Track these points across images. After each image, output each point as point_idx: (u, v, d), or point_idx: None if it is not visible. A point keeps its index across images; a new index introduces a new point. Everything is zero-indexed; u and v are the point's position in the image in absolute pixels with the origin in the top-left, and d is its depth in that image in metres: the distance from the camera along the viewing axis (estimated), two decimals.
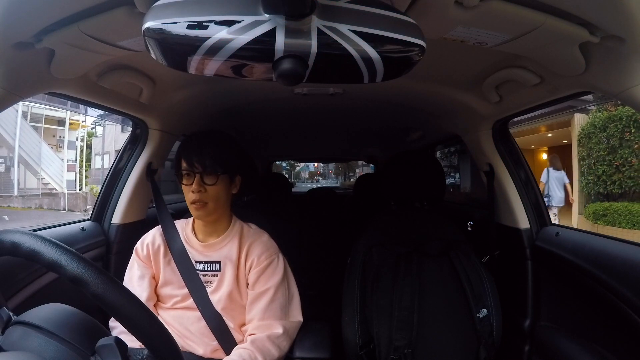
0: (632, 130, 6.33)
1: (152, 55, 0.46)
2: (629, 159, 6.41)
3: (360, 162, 10.20)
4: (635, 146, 6.33)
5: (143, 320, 0.49)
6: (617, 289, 0.89)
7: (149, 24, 0.42)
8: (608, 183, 6.77)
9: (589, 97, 6.14)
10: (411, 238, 1.21)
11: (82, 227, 1.21)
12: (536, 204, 1.31)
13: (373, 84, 0.49)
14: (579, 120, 7.49)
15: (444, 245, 1.20)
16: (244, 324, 1.02)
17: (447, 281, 1.16)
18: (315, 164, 23.43)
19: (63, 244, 0.49)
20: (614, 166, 6.63)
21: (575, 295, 1.08)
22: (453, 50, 0.89)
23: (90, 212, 1.34)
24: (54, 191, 11.74)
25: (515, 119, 1.30)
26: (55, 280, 0.99)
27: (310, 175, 29.37)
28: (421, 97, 1.32)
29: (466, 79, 1.11)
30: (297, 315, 1.03)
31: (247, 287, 1.02)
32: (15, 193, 11.26)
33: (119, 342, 0.47)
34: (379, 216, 1.33)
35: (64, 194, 11.34)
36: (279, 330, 0.96)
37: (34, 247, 0.48)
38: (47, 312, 0.53)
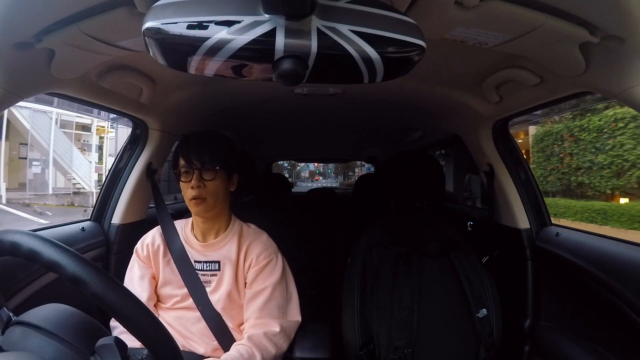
0: (559, 143, 8.54)
1: (152, 55, 0.46)
2: (557, 165, 8.67)
3: (360, 162, 10.23)
4: (561, 155, 8.51)
5: (143, 320, 0.49)
6: (617, 289, 0.89)
7: (149, 24, 0.42)
8: (544, 184, 8.88)
9: (538, 111, 6.99)
10: (411, 238, 1.21)
11: (82, 227, 1.20)
12: (536, 204, 1.31)
13: (373, 84, 0.49)
14: (532, 131, 9.57)
15: (444, 245, 1.20)
16: (243, 324, 1.02)
17: (446, 281, 1.17)
18: (315, 164, 23.48)
19: (62, 244, 0.49)
20: (548, 170, 8.93)
21: (575, 295, 1.08)
22: (453, 50, 0.89)
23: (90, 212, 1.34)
24: (82, 190, 12.99)
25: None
26: (55, 280, 0.99)
27: (310, 174, 29.59)
28: (421, 97, 1.31)
29: (466, 79, 1.11)
30: (295, 315, 1.03)
31: (245, 286, 1.02)
32: (50, 192, 12.34)
33: (119, 342, 0.47)
34: (379, 216, 1.33)
35: (92, 192, 12.57)
36: (275, 328, 0.96)
37: (34, 247, 0.48)
38: (47, 312, 0.53)
